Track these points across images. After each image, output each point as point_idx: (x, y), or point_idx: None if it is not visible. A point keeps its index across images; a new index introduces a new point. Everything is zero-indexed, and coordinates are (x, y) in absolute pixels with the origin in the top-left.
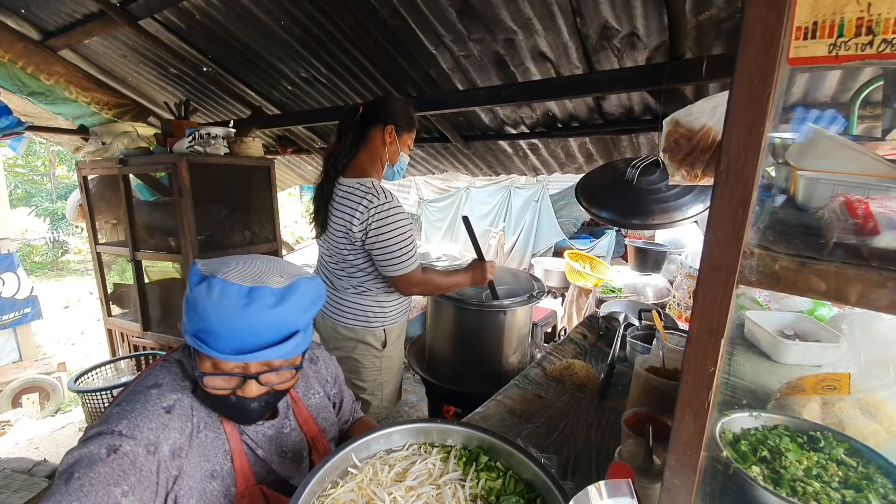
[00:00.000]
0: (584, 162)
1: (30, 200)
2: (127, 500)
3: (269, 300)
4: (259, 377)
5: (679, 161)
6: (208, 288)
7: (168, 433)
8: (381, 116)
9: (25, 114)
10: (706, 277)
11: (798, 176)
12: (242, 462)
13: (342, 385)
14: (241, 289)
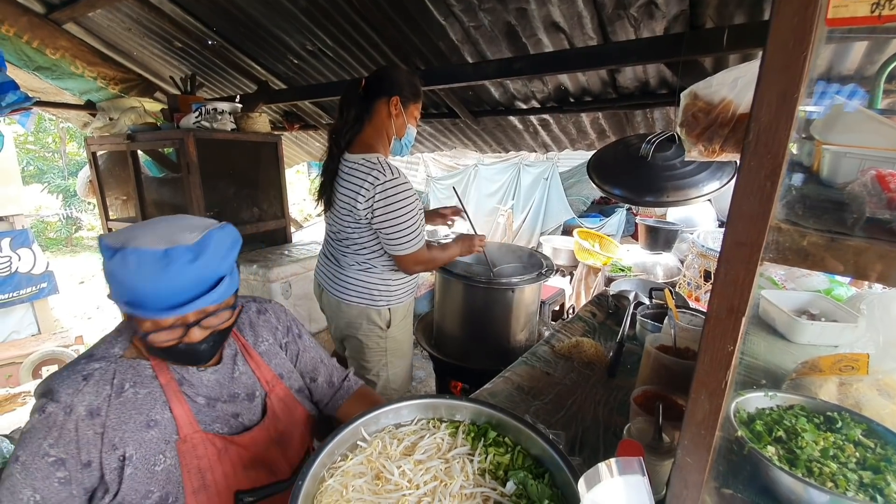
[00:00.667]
0: (595, 138)
1: (42, 177)
2: (53, 450)
3: (187, 256)
4: (199, 323)
5: (696, 136)
6: (123, 260)
7: (82, 397)
8: (385, 88)
9: (33, 89)
10: (729, 253)
11: (823, 150)
12: (181, 410)
13: (298, 337)
14: (155, 253)
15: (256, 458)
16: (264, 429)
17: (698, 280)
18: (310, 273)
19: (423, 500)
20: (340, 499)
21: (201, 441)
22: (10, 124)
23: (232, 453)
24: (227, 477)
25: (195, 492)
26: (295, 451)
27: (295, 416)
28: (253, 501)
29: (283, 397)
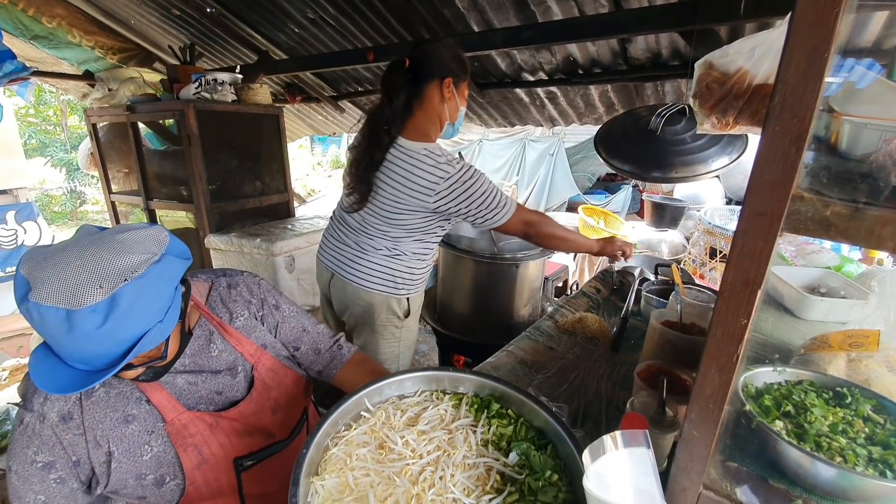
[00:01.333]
0: (604, 112)
1: (45, 151)
2: (39, 456)
3: (93, 321)
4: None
5: (710, 108)
6: (27, 312)
7: (52, 404)
8: (435, 69)
9: (30, 59)
10: (747, 224)
11: (843, 122)
12: (160, 397)
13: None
14: (57, 312)
15: (250, 426)
16: (252, 401)
17: (704, 257)
18: (313, 247)
19: (427, 469)
20: (345, 467)
21: (190, 420)
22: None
23: (224, 426)
24: (223, 447)
25: (196, 467)
26: (290, 414)
27: (287, 382)
28: (252, 464)
29: (271, 367)
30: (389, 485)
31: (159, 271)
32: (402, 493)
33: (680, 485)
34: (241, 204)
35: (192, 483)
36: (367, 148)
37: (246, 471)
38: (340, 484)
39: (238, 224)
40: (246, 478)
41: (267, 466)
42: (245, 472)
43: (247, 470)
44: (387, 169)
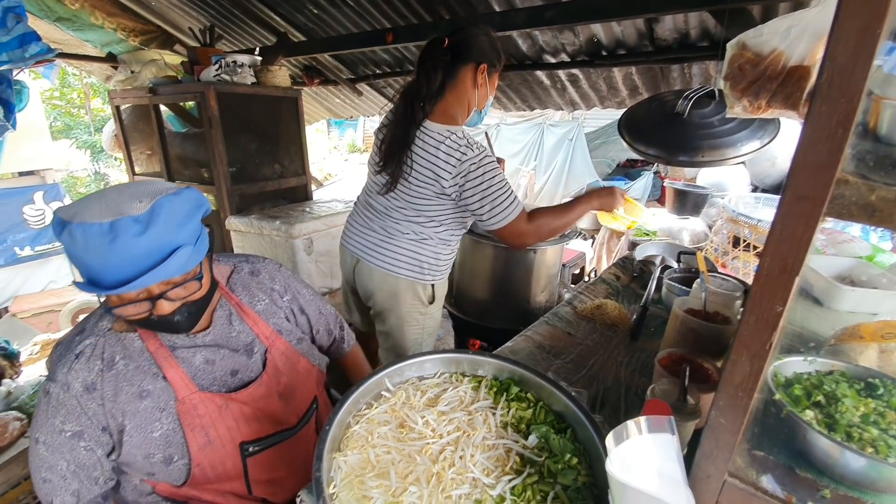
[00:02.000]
0: (627, 95)
1: (70, 133)
2: (67, 425)
3: (134, 229)
4: (165, 295)
5: (742, 90)
6: (70, 236)
7: (76, 374)
8: (472, 52)
9: (54, 41)
10: (787, 208)
11: (883, 105)
12: (175, 374)
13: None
14: (101, 227)
15: (258, 411)
16: (262, 384)
17: (726, 246)
18: (331, 230)
19: (447, 448)
20: (366, 444)
21: (200, 400)
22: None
23: (233, 409)
24: (230, 430)
25: (201, 448)
26: (299, 401)
27: (298, 368)
28: (258, 450)
29: (284, 351)
30: (410, 462)
31: (190, 195)
32: (422, 470)
33: (704, 471)
34: (261, 186)
35: (197, 464)
36: (401, 125)
37: (251, 456)
38: (362, 460)
39: (257, 206)
40: (251, 463)
41: (274, 454)
42: (251, 458)
43: (252, 455)
44: (413, 153)
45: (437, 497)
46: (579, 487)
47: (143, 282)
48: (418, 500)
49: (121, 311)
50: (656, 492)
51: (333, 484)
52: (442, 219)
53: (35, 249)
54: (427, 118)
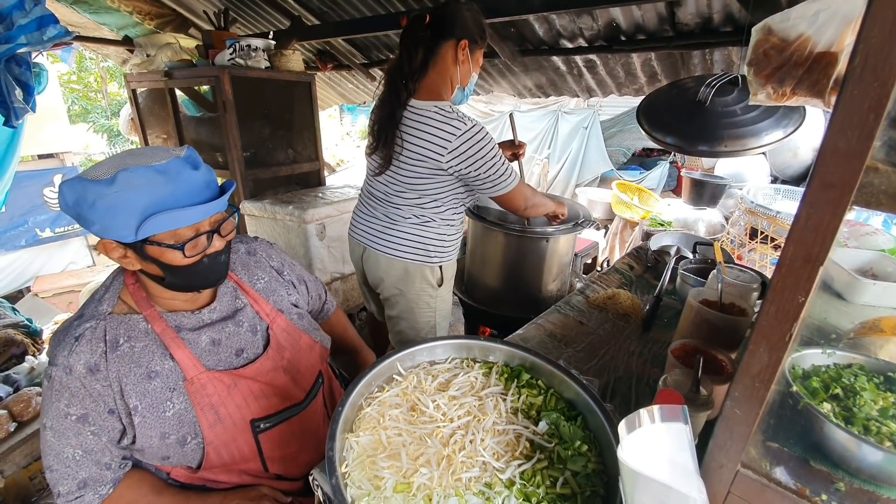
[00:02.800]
0: (645, 82)
1: (87, 117)
2: (72, 409)
3: (187, 166)
4: (219, 230)
5: (766, 76)
6: (128, 181)
7: (78, 356)
8: (452, 29)
9: (72, 24)
10: (814, 196)
11: None
12: (182, 354)
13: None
14: (158, 167)
15: (266, 387)
16: (269, 359)
17: (743, 238)
18: (343, 216)
19: (458, 432)
20: (378, 426)
21: (209, 380)
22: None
23: (242, 387)
24: (239, 408)
25: (211, 426)
26: (304, 377)
27: (300, 344)
28: (269, 427)
29: (285, 328)
30: (421, 445)
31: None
32: (433, 453)
33: (717, 461)
34: (274, 171)
35: (210, 443)
36: (387, 105)
37: (263, 433)
38: (374, 441)
39: (271, 191)
40: (264, 440)
41: (285, 429)
42: (262, 435)
43: (263, 432)
44: (402, 132)
45: (447, 479)
46: (589, 474)
47: (212, 207)
48: (429, 481)
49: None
50: (668, 480)
51: (346, 463)
52: (442, 198)
53: (55, 231)
54: (412, 96)
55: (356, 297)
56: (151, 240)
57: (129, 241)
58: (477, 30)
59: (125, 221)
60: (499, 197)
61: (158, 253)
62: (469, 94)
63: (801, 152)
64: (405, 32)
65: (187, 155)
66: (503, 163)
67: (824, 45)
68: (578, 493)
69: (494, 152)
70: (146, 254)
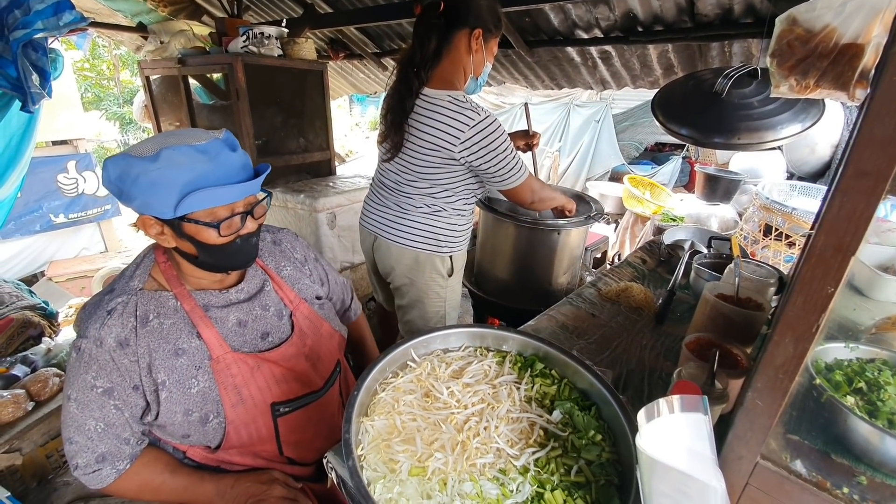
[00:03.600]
0: (661, 74)
1: (99, 104)
2: (98, 381)
3: (226, 147)
4: (252, 213)
5: (789, 68)
6: (170, 159)
7: (109, 329)
8: (466, 17)
9: (87, 10)
10: (848, 184)
11: None
12: (210, 334)
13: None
14: (198, 147)
15: (288, 372)
16: (293, 344)
17: (756, 234)
18: (354, 205)
19: (472, 419)
20: (392, 411)
21: (234, 360)
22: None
23: (265, 370)
24: (261, 391)
25: (233, 406)
26: (325, 364)
27: (322, 332)
28: (288, 411)
29: (307, 315)
30: (435, 430)
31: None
32: (447, 438)
33: (736, 453)
34: (286, 160)
35: (231, 422)
36: (398, 93)
37: (282, 416)
38: (389, 426)
39: (282, 180)
40: (282, 423)
41: (302, 415)
42: (281, 418)
43: (283, 416)
44: (414, 120)
45: (461, 464)
46: (603, 463)
47: (248, 188)
48: (443, 465)
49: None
50: (686, 469)
51: (361, 446)
52: (453, 188)
53: (69, 217)
54: (425, 85)
55: (365, 286)
56: (189, 217)
57: (168, 218)
58: (492, 19)
59: (166, 198)
60: (507, 191)
61: (195, 231)
62: (482, 84)
63: (818, 148)
64: (419, 20)
65: (225, 137)
66: (514, 156)
67: (850, 36)
68: (593, 482)
69: (506, 145)
70: (183, 231)
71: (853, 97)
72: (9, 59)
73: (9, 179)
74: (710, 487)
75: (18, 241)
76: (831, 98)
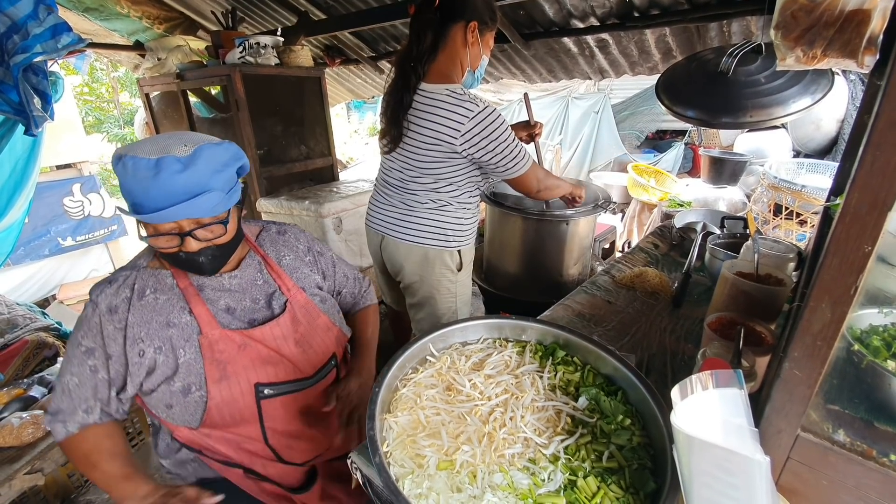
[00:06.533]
0: (659, 60)
1: (101, 127)
2: (84, 340)
3: (175, 167)
4: (193, 233)
5: (795, 39)
6: (123, 167)
7: (105, 297)
8: (462, 10)
9: (84, 31)
10: (881, 136)
11: None
12: (201, 310)
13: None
14: (149, 161)
15: (274, 353)
16: (279, 325)
17: (766, 215)
18: (359, 209)
19: (496, 410)
20: (415, 406)
21: (220, 337)
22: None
23: (251, 349)
24: (246, 369)
25: (216, 381)
26: (317, 354)
27: (317, 322)
28: (273, 394)
29: (304, 304)
30: (460, 423)
31: (230, 148)
32: (473, 431)
33: (775, 427)
34: (288, 168)
35: (212, 398)
36: (396, 89)
37: (266, 399)
38: (413, 421)
39: (286, 188)
40: (266, 407)
41: (289, 401)
42: (265, 401)
43: (266, 398)
44: (414, 116)
45: (490, 456)
46: (634, 447)
47: (174, 213)
48: (472, 458)
49: (154, 241)
50: (725, 444)
51: (386, 443)
52: (457, 182)
53: (76, 240)
54: (422, 80)
55: (375, 290)
56: (138, 221)
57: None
58: (487, 11)
59: (123, 196)
60: (512, 180)
61: (144, 230)
62: (480, 78)
63: (824, 124)
64: (414, 16)
65: (191, 154)
66: (517, 145)
67: (856, 2)
68: (626, 467)
69: (507, 134)
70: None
71: (862, 64)
72: (10, 84)
73: (16, 203)
74: (755, 461)
75: (29, 266)
76: (840, 67)
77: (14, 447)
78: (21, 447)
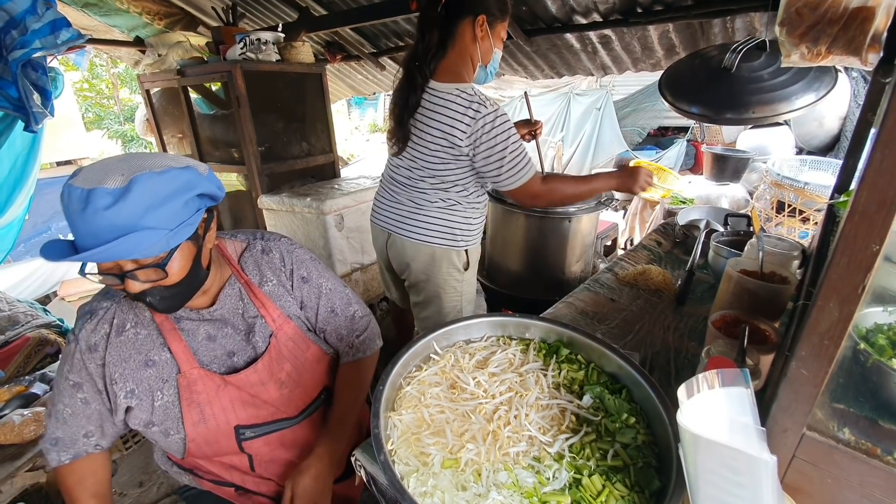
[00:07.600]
0: (662, 56)
1: (101, 123)
2: (71, 375)
3: (103, 202)
4: (132, 274)
5: (800, 35)
6: (62, 195)
7: (85, 333)
8: (468, 5)
9: (84, 27)
10: (890, 134)
11: None
12: (179, 347)
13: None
14: (81, 192)
15: (255, 397)
16: (257, 371)
17: (769, 212)
18: (361, 206)
19: (500, 408)
20: (419, 404)
21: (199, 377)
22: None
23: (230, 391)
24: (225, 411)
25: (195, 424)
26: (305, 391)
27: (307, 356)
28: (254, 436)
29: (291, 336)
30: (465, 421)
31: (177, 176)
32: (477, 429)
33: (781, 425)
34: (290, 165)
35: (192, 440)
36: (404, 89)
37: (247, 440)
38: (417, 419)
39: (287, 185)
40: (248, 446)
41: (273, 439)
42: (246, 442)
43: (248, 440)
44: (421, 115)
45: (494, 454)
46: (639, 446)
47: (99, 254)
48: (476, 456)
49: (100, 277)
50: (731, 442)
51: (391, 441)
52: (465, 182)
53: None
54: (431, 79)
55: (377, 287)
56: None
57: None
58: (495, 2)
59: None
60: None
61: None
62: (493, 73)
63: (826, 122)
64: (420, 15)
65: (120, 189)
66: (522, 152)
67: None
68: (630, 465)
69: (514, 144)
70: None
71: (866, 62)
72: (9, 79)
73: (16, 200)
74: (761, 460)
75: (29, 262)
76: (843, 64)
77: (15, 444)
78: (22, 444)
